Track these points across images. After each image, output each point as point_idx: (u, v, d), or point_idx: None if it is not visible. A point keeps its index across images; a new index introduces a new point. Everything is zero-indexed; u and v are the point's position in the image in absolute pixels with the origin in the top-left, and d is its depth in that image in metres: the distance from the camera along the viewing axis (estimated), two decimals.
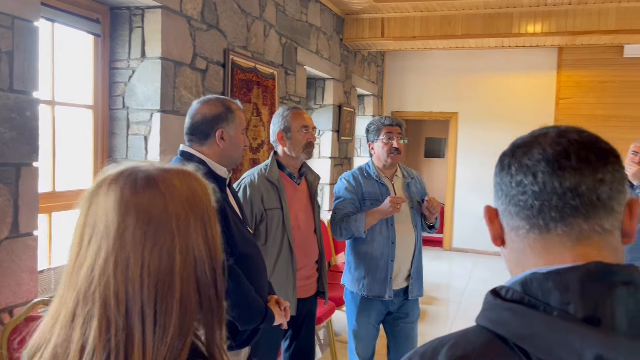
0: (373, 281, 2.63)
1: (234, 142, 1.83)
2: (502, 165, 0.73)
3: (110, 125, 3.02)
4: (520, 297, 0.63)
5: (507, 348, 0.62)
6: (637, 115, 6.74)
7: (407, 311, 2.75)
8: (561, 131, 0.69)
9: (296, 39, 4.76)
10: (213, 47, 3.46)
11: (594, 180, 0.64)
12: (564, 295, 0.60)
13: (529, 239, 0.68)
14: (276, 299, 1.93)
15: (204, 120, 1.80)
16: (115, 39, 2.99)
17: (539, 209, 0.66)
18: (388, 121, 2.71)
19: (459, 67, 7.45)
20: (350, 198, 2.66)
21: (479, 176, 7.49)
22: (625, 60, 6.73)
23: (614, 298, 0.58)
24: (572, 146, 0.66)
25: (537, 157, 0.67)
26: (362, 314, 2.69)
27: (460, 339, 0.66)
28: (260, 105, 4.11)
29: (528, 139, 0.71)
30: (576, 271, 0.61)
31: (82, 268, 0.68)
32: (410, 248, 2.70)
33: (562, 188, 0.65)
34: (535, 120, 7.10)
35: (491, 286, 2.59)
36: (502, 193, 0.72)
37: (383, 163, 2.71)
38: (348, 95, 6.26)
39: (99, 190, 0.71)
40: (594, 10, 5.23)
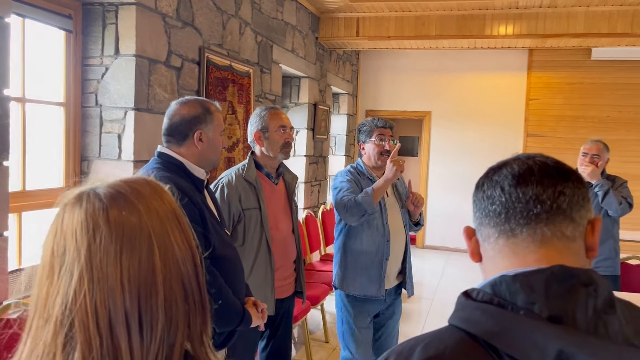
0: (368, 280, 2.62)
1: (212, 144, 1.83)
2: (477, 186, 0.80)
3: (82, 123, 2.97)
4: (490, 298, 0.68)
5: (478, 345, 0.66)
6: (603, 116, 6.94)
7: (394, 310, 2.81)
8: (530, 156, 0.78)
9: (272, 37, 4.75)
10: (188, 44, 3.42)
11: (555, 191, 0.72)
12: (530, 296, 0.65)
13: (499, 244, 0.75)
14: (253, 301, 1.94)
15: (183, 121, 1.79)
16: (88, 36, 2.94)
17: (506, 216, 0.73)
18: (381, 123, 2.72)
19: (432, 67, 7.55)
20: (354, 188, 2.61)
21: (452, 175, 7.61)
22: (593, 62, 6.91)
23: (575, 298, 0.64)
24: (536, 165, 0.75)
25: (505, 174, 0.75)
26: (360, 317, 2.67)
27: (434, 338, 0.71)
28: (235, 104, 4.09)
29: (501, 162, 0.79)
30: (541, 274, 0.66)
31: (56, 298, 0.66)
32: (402, 247, 2.74)
33: (525, 197, 0.72)
34: (506, 120, 7.27)
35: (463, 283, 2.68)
36: (477, 209, 0.79)
37: (373, 164, 2.74)
38: (323, 93, 6.28)
39: (62, 217, 0.70)
40: (564, 13, 5.36)
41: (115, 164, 2.94)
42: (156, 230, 0.70)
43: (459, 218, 7.54)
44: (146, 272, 0.68)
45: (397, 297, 2.79)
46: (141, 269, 0.68)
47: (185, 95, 3.36)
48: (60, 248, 0.68)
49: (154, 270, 0.68)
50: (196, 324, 0.73)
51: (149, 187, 0.74)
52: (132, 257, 0.67)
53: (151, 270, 0.68)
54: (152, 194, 0.74)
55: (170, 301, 0.69)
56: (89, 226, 0.67)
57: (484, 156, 7.39)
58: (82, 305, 0.65)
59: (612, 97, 6.91)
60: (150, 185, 0.75)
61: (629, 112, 6.85)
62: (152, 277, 0.68)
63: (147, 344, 0.67)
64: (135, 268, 0.67)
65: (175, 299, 0.70)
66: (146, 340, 0.67)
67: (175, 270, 0.71)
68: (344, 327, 2.71)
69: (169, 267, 0.70)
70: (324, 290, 4.00)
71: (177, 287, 0.70)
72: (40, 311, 0.67)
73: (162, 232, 0.71)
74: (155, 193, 0.74)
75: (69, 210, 0.70)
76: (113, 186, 0.72)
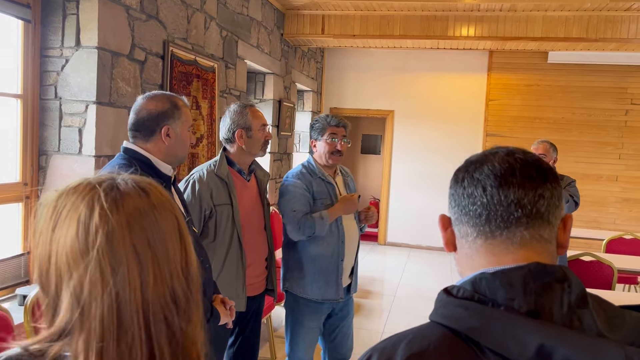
0: (325, 283, 2.57)
1: (180, 140, 1.80)
2: (456, 179, 0.80)
3: (40, 116, 2.87)
4: (470, 295, 0.70)
5: (460, 341, 0.68)
6: (558, 117, 7.18)
7: (348, 309, 2.76)
8: (510, 151, 0.77)
9: (237, 32, 4.71)
10: (152, 38, 3.36)
11: (535, 194, 0.73)
12: (509, 292, 0.68)
13: (477, 244, 0.76)
14: (221, 299, 1.92)
15: (150, 116, 1.75)
16: (47, 26, 2.84)
17: (486, 218, 0.74)
18: (334, 122, 2.64)
19: (396, 67, 7.64)
20: (306, 197, 2.56)
21: (413, 173, 7.73)
22: (549, 66, 7.15)
23: (551, 294, 0.67)
24: (517, 164, 0.75)
25: (487, 172, 0.75)
26: (313, 318, 2.63)
27: (416, 335, 0.72)
28: (200, 99, 4.04)
29: (480, 156, 0.79)
30: (519, 271, 0.69)
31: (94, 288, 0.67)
32: (354, 245, 2.72)
33: (507, 200, 0.73)
34: (467, 120, 7.44)
35: (424, 279, 2.73)
36: (455, 204, 0.79)
37: (324, 162, 2.66)
38: (288, 90, 6.26)
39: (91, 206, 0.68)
40: (523, 17, 5.52)
41: (76, 158, 2.85)
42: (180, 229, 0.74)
43: (420, 215, 7.68)
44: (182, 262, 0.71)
45: (349, 296, 2.74)
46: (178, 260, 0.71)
47: (148, 90, 3.29)
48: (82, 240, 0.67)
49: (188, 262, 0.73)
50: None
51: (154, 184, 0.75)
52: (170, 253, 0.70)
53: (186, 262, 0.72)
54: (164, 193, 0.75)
55: None
56: (128, 222, 0.69)
57: (445, 155, 7.55)
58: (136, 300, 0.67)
59: (566, 100, 7.17)
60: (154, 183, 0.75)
61: (582, 114, 7.12)
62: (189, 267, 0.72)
63: None
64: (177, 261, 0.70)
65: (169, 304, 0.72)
66: None
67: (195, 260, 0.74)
68: (294, 326, 2.65)
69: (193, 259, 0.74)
70: None
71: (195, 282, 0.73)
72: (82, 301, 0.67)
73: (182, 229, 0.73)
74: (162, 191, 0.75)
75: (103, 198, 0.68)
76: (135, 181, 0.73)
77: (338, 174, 2.77)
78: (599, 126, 7.08)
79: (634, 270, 4.16)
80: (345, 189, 2.77)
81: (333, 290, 2.58)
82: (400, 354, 0.70)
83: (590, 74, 7.07)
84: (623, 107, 7.04)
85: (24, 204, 2.80)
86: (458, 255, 0.81)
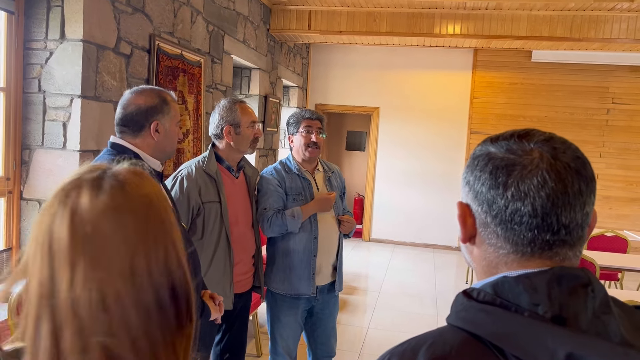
0: (297, 279, 2.56)
1: (168, 135, 1.78)
2: (495, 181, 0.71)
3: (24, 110, 2.81)
4: (492, 299, 0.68)
5: (484, 347, 0.66)
6: (542, 115, 7.27)
7: (330, 308, 2.73)
8: (555, 154, 0.70)
9: (223, 27, 4.67)
10: (138, 31, 3.31)
11: (583, 214, 0.70)
12: (533, 297, 0.65)
13: (508, 258, 0.72)
14: (210, 294, 1.91)
15: (138, 111, 1.73)
16: (31, 18, 2.78)
17: (531, 239, 0.69)
18: (308, 114, 2.64)
19: (382, 63, 7.65)
20: (278, 193, 2.57)
21: (398, 169, 7.76)
22: (533, 64, 7.23)
23: (576, 300, 0.64)
24: (568, 176, 0.69)
25: (537, 186, 0.68)
26: (289, 313, 2.62)
27: (437, 339, 0.70)
28: (186, 94, 4.00)
29: (523, 156, 0.71)
30: (544, 275, 0.67)
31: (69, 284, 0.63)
32: (334, 242, 2.67)
33: (558, 225, 0.68)
34: (451, 117, 7.49)
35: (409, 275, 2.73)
36: (488, 207, 0.72)
37: (302, 157, 2.64)
38: (274, 86, 6.24)
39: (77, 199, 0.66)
40: (508, 16, 5.57)
41: (60, 153, 2.81)
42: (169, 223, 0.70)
43: (404, 212, 7.72)
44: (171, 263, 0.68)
45: (332, 293, 2.71)
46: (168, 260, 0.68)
47: (134, 84, 3.25)
48: (79, 232, 0.64)
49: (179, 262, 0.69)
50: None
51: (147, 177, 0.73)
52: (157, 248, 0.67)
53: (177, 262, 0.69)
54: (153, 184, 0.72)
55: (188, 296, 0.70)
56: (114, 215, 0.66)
57: (430, 152, 7.60)
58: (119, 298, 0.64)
59: (549, 98, 7.26)
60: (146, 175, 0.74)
61: (565, 112, 7.22)
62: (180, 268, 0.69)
63: None
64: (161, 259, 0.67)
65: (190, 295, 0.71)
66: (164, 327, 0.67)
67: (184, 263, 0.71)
68: (272, 322, 2.67)
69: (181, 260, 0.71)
70: None
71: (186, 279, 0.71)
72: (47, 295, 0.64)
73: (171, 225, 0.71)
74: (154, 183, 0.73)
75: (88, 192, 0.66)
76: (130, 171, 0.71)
77: (319, 171, 2.73)
78: (581, 125, 7.19)
79: (615, 267, 4.24)
80: (325, 185, 2.72)
81: (305, 285, 2.57)
82: (422, 358, 0.67)
83: (573, 73, 7.17)
84: (604, 106, 7.15)
85: (6, 199, 2.75)
86: (476, 256, 0.77)
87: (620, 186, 7.17)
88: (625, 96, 7.09)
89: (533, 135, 0.73)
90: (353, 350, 3.96)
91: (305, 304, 2.64)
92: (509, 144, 0.73)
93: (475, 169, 0.74)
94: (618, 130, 7.14)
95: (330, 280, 2.68)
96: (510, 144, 0.72)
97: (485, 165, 0.73)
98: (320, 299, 2.66)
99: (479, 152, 0.76)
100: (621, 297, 3.14)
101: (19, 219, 2.80)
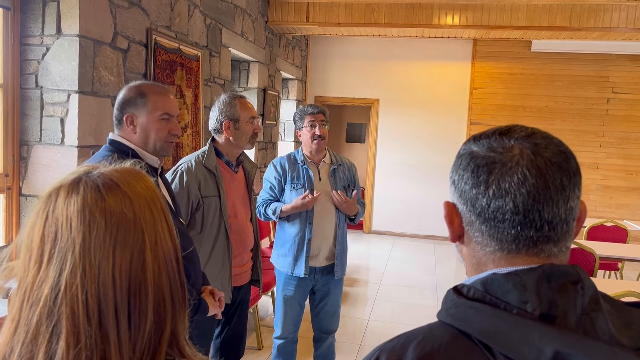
0: (293, 259, 2.80)
1: (145, 129, 1.74)
2: (476, 179, 0.71)
3: (21, 106, 2.81)
4: (482, 296, 0.68)
5: (471, 344, 0.66)
6: (542, 106, 7.25)
7: (329, 289, 2.90)
8: (535, 146, 0.70)
9: (221, 20, 4.65)
10: (135, 26, 3.30)
11: (566, 208, 0.69)
12: (522, 295, 0.65)
13: (495, 255, 0.72)
14: (210, 290, 1.92)
15: (117, 105, 1.75)
16: (27, 13, 2.77)
17: (515, 236, 0.69)
18: (310, 109, 2.84)
19: (381, 55, 7.62)
20: (270, 184, 2.86)
21: (398, 161, 7.76)
22: (532, 54, 7.20)
23: (565, 297, 0.64)
24: (549, 171, 0.69)
25: (517, 183, 0.68)
26: (287, 291, 2.86)
27: (426, 335, 0.70)
28: (184, 88, 3.99)
29: (504, 154, 0.70)
30: (533, 272, 0.67)
31: (44, 284, 0.65)
32: (331, 229, 2.84)
33: (540, 221, 0.68)
34: (451, 108, 7.47)
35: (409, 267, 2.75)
36: (472, 206, 0.72)
37: (310, 149, 2.84)
38: (273, 78, 6.22)
39: (54, 201, 0.68)
40: (507, 6, 5.54)
41: (58, 149, 2.81)
42: (148, 225, 0.70)
43: (404, 203, 7.73)
44: (137, 267, 0.68)
45: (330, 276, 2.88)
46: (133, 264, 0.68)
47: (132, 79, 3.25)
48: (51, 234, 0.66)
49: (144, 266, 0.68)
50: (181, 320, 0.72)
51: (137, 176, 0.73)
52: (125, 252, 0.67)
53: (142, 266, 0.68)
54: (142, 185, 0.73)
55: (158, 297, 0.69)
56: (86, 217, 0.66)
57: (430, 143, 7.59)
58: (73, 296, 0.64)
59: (549, 88, 7.23)
60: (137, 175, 0.74)
61: (564, 102, 7.20)
62: (143, 272, 0.68)
63: (134, 338, 0.67)
64: (127, 263, 0.67)
65: (163, 295, 0.70)
66: (134, 335, 0.66)
67: (163, 265, 0.71)
68: (277, 299, 2.94)
69: (157, 263, 0.70)
70: (274, 277, 3.99)
71: (165, 283, 0.70)
72: (26, 295, 0.66)
73: (153, 227, 0.71)
74: (144, 183, 0.73)
75: (64, 195, 0.68)
76: (108, 175, 0.71)
77: (324, 162, 2.89)
78: (581, 114, 7.17)
79: (615, 257, 4.24)
80: (328, 177, 2.87)
81: (299, 266, 2.80)
82: (411, 355, 0.68)
83: (573, 62, 7.14)
84: (604, 95, 7.13)
85: (5, 196, 2.75)
86: (465, 254, 0.77)
87: (620, 176, 7.17)
88: (625, 85, 7.07)
89: (514, 131, 0.73)
90: (353, 342, 3.98)
91: (303, 284, 2.85)
92: (490, 141, 0.73)
93: (459, 168, 0.74)
94: (618, 119, 7.12)
95: (327, 263, 2.86)
96: (491, 142, 0.72)
97: (468, 164, 0.73)
98: (320, 279, 2.87)
99: (462, 151, 0.76)
100: (621, 287, 3.14)
101: (19, 215, 2.81)
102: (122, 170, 0.73)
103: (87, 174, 0.70)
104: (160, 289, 0.70)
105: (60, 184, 0.70)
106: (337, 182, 2.87)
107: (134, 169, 0.76)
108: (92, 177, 0.70)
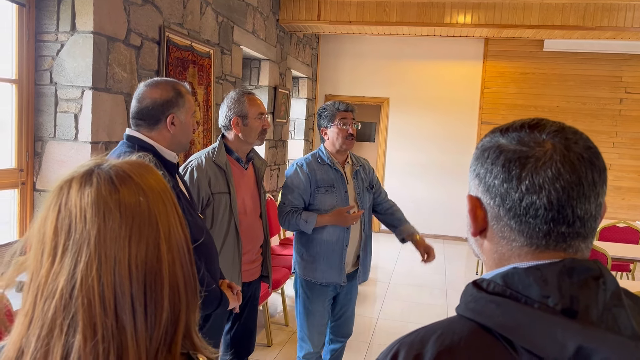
0: (328, 267, 2.65)
1: (184, 127, 1.79)
2: (508, 174, 0.70)
3: (36, 102, 2.84)
4: (502, 290, 0.67)
5: (492, 338, 0.65)
6: (554, 105, 7.20)
7: (352, 293, 2.87)
8: (566, 140, 0.70)
9: (233, 17, 4.66)
10: (148, 23, 3.32)
11: (596, 205, 0.70)
12: (544, 289, 0.65)
13: (521, 250, 0.71)
14: (228, 283, 1.93)
15: (154, 105, 1.73)
16: (42, 10, 2.80)
17: (546, 232, 0.69)
18: (342, 107, 2.69)
19: (391, 54, 7.60)
20: (301, 189, 2.65)
21: (408, 161, 7.74)
22: (545, 54, 7.15)
23: (587, 292, 0.64)
24: (582, 167, 0.68)
25: (551, 178, 0.67)
26: (318, 301, 2.71)
27: (446, 329, 0.69)
28: (196, 85, 4.01)
29: (536, 148, 0.69)
30: (554, 266, 0.66)
31: (58, 277, 0.65)
32: (357, 234, 2.77)
33: (573, 217, 0.68)
34: (462, 108, 7.44)
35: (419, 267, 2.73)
36: (502, 201, 0.71)
37: (337, 149, 2.70)
38: (283, 77, 6.23)
39: (66, 194, 0.68)
40: (520, 5, 5.51)
41: (72, 144, 2.83)
42: (162, 217, 0.70)
43: (414, 202, 7.70)
44: (152, 258, 0.68)
45: (353, 281, 2.84)
46: (148, 255, 0.68)
47: (144, 76, 3.27)
48: (64, 226, 0.66)
49: (159, 257, 0.69)
50: (194, 311, 0.73)
51: (147, 169, 0.74)
52: (140, 243, 0.67)
53: (157, 256, 0.68)
54: (154, 178, 0.73)
55: (173, 287, 0.70)
56: (100, 209, 0.66)
57: (441, 142, 7.56)
58: (89, 288, 0.64)
59: (561, 88, 7.18)
60: (147, 167, 0.74)
61: (576, 102, 7.14)
62: (158, 263, 0.69)
63: (151, 329, 0.67)
64: (142, 254, 0.67)
65: (178, 285, 0.71)
66: (150, 325, 0.67)
67: (177, 256, 0.71)
68: (301, 310, 2.76)
69: (172, 253, 0.70)
70: (284, 274, 4.01)
71: (179, 273, 0.71)
72: (40, 289, 0.66)
73: (166, 218, 0.71)
74: (154, 176, 0.74)
75: (76, 187, 0.68)
76: (120, 167, 0.71)
77: (348, 163, 2.81)
78: (593, 115, 7.11)
79: (627, 257, 4.21)
80: (352, 179, 2.79)
81: (336, 274, 2.67)
82: (431, 349, 0.67)
83: (586, 62, 7.08)
84: (617, 95, 7.06)
85: (19, 191, 2.78)
86: (486, 248, 0.76)
87: (632, 177, 7.10)
88: (639, 85, 7.00)
89: (544, 125, 0.71)
90: (363, 341, 3.98)
91: (332, 291, 2.76)
92: (520, 135, 0.71)
93: (486, 162, 0.72)
94: (631, 120, 7.06)
95: (353, 269, 2.81)
96: (521, 135, 0.71)
97: (497, 157, 0.71)
98: (345, 286, 2.80)
99: (488, 143, 0.74)
100: (633, 288, 3.12)
101: (32, 210, 2.84)
102: (133, 163, 0.74)
103: (98, 166, 0.70)
104: (175, 279, 0.70)
105: (71, 176, 0.70)
106: (360, 183, 2.81)
107: (143, 162, 0.76)
108: (104, 169, 0.70)
